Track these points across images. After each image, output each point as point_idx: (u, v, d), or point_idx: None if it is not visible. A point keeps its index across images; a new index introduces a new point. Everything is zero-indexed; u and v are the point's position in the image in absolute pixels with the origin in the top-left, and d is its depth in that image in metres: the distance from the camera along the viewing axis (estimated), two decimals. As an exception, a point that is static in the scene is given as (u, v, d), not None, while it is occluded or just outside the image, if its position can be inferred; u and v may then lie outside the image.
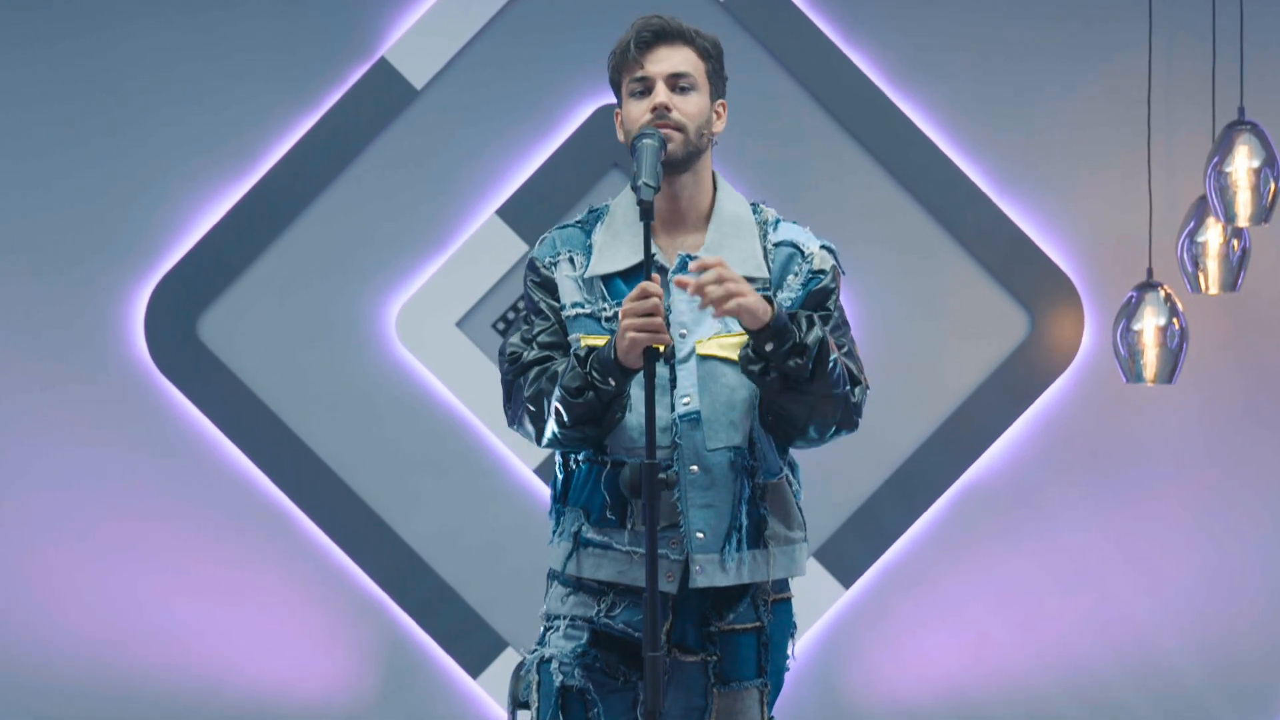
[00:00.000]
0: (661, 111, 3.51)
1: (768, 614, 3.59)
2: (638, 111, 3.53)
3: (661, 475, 3.30)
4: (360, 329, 5.87)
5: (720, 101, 3.63)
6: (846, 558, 5.93)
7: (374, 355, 5.87)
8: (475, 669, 5.87)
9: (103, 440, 5.82)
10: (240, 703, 5.84)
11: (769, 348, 3.39)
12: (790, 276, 3.57)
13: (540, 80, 5.88)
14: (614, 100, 5.74)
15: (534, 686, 3.58)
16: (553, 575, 3.63)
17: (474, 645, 5.86)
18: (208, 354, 5.85)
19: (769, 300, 3.39)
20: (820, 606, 5.93)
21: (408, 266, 5.87)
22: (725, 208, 3.59)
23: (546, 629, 3.60)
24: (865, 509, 5.95)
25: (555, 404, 3.44)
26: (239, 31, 5.85)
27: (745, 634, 3.57)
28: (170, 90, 5.84)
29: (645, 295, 3.31)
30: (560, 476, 3.62)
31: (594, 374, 3.41)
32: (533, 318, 3.60)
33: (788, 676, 5.84)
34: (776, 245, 3.59)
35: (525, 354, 3.55)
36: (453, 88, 5.88)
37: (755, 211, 3.63)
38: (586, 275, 3.55)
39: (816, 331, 3.41)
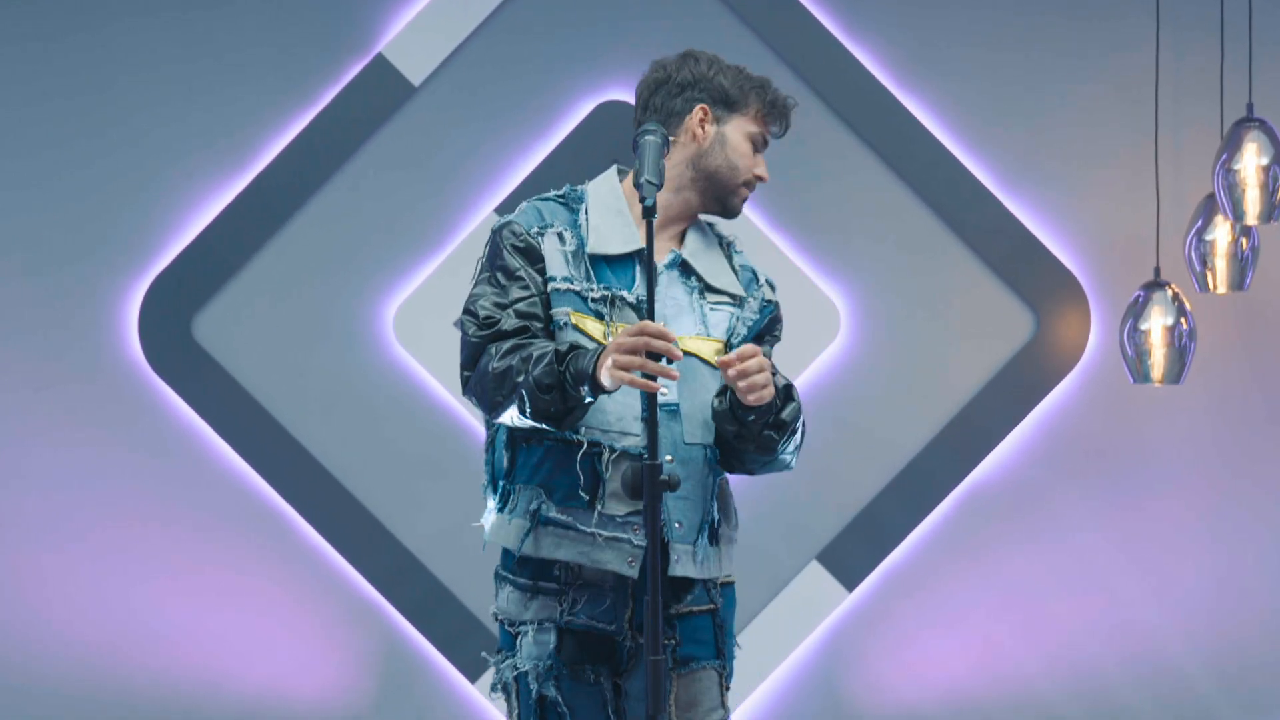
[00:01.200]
0: (759, 183, 3.72)
1: (719, 596, 3.67)
2: (751, 162, 3.69)
3: (664, 477, 3.31)
4: (357, 329, 5.86)
5: None
6: (849, 561, 5.92)
7: (371, 355, 5.86)
8: (473, 673, 5.84)
9: (96, 441, 5.82)
10: (235, 707, 5.83)
11: (750, 418, 3.55)
12: (751, 299, 3.72)
13: (539, 77, 5.86)
14: (615, 96, 5.84)
15: (514, 694, 3.62)
16: (504, 576, 3.65)
17: (472, 649, 5.83)
18: (202, 354, 5.84)
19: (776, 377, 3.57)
20: (823, 610, 5.92)
21: (405, 265, 5.86)
22: (699, 221, 3.76)
23: (515, 635, 3.63)
24: (868, 511, 5.94)
25: (521, 390, 3.44)
26: (234, 28, 5.85)
27: (700, 616, 3.64)
28: (164, 87, 5.84)
29: (640, 334, 3.33)
30: (506, 454, 3.62)
31: (568, 376, 3.42)
32: (506, 283, 3.58)
33: (789, 680, 5.90)
34: (740, 268, 3.75)
35: (502, 321, 3.54)
36: (451, 85, 5.87)
37: (717, 234, 3.80)
38: (589, 251, 3.59)
39: (794, 406, 3.60)
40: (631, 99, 5.79)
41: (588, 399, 3.42)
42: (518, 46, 5.88)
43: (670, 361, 3.37)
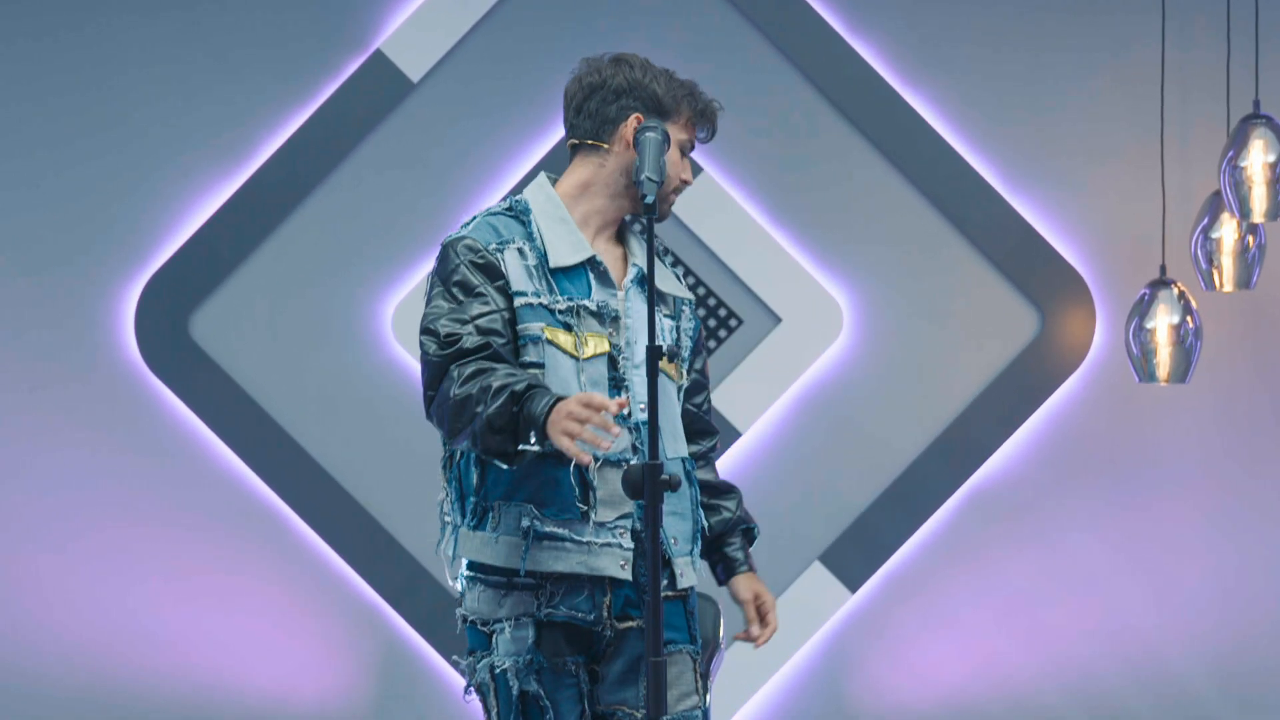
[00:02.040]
0: (684, 187, 3.74)
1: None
2: (680, 169, 3.71)
3: (664, 476, 3.35)
4: (356, 327, 5.84)
5: None
6: (852, 561, 5.90)
7: (370, 354, 5.84)
8: (473, 676, 5.82)
9: (92, 442, 5.80)
10: (233, 711, 5.81)
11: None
12: (685, 307, 3.81)
13: (539, 73, 5.83)
14: None
15: (492, 692, 3.65)
16: (474, 576, 3.66)
17: (472, 652, 5.80)
18: (200, 353, 5.82)
19: (749, 573, 3.92)
20: (824, 612, 5.90)
21: (404, 263, 5.84)
22: (636, 228, 3.81)
23: (489, 634, 3.65)
24: (870, 513, 5.91)
25: (476, 424, 3.44)
26: (231, 24, 5.83)
27: (672, 601, 3.68)
28: (161, 84, 5.82)
29: (586, 405, 3.35)
30: (476, 471, 3.62)
31: (522, 420, 3.42)
32: (465, 299, 3.56)
33: (791, 682, 5.87)
34: (675, 272, 3.84)
35: (464, 338, 3.52)
36: (450, 81, 5.85)
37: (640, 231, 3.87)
38: (551, 266, 3.62)
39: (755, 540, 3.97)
40: (633, 95, 5.89)
41: (535, 447, 3.42)
42: (518, 42, 5.86)
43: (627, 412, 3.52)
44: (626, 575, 3.56)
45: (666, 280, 3.75)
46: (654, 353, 3.37)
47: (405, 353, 5.84)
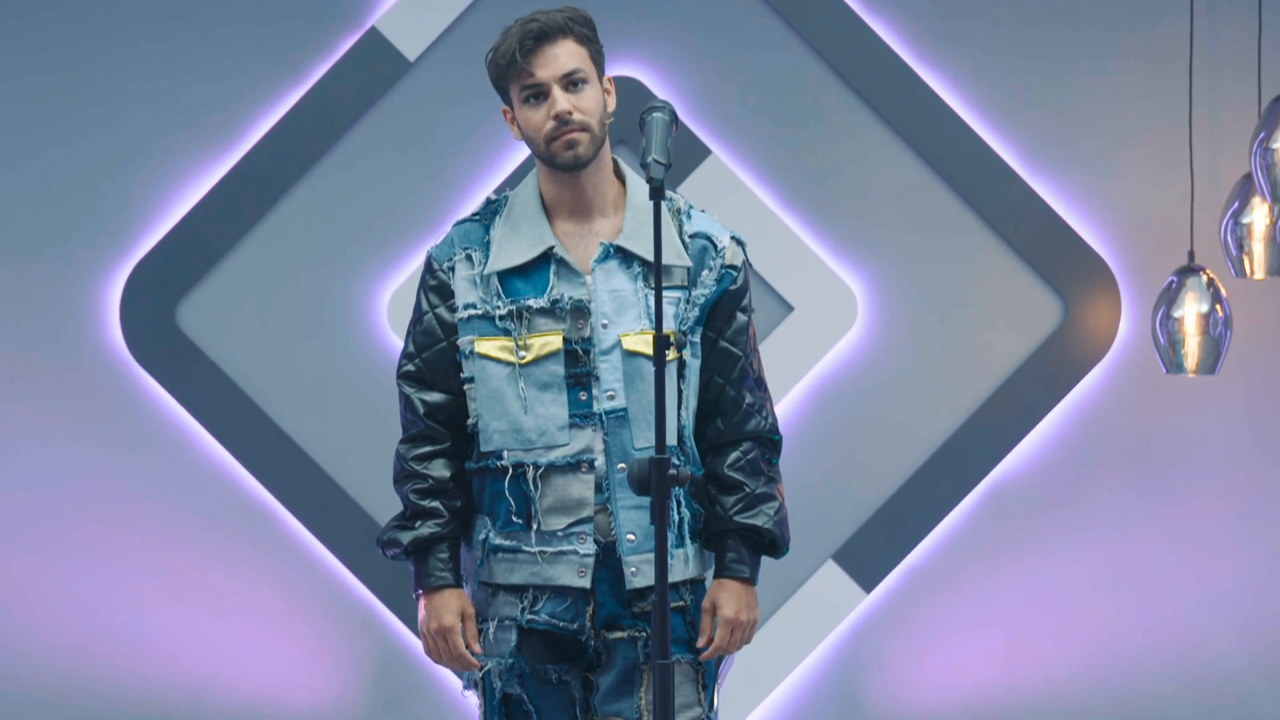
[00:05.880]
0: (565, 118, 3.62)
1: (690, 593, 3.71)
2: (539, 119, 3.63)
3: (672, 471, 3.32)
4: (349, 316, 5.81)
5: (606, 79, 3.73)
6: (867, 560, 5.85)
7: (364, 344, 5.81)
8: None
9: (76, 436, 5.78)
10: (224, 714, 5.80)
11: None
12: (705, 271, 3.68)
13: (541, 52, 5.77)
14: (620, 71, 5.75)
15: (479, 690, 3.74)
16: (474, 571, 3.79)
17: (471, 654, 5.75)
18: (188, 343, 5.79)
19: (744, 581, 3.68)
20: (839, 611, 5.85)
21: (400, 250, 5.81)
22: (636, 194, 3.71)
23: (481, 630, 3.73)
24: (888, 508, 5.86)
25: (391, 532, 3.79)
26: (219, 0, 5.81)
27: (671, 613, 3.65)
28: (147, 63, 5.79)
29: (452, 658, 3.66)
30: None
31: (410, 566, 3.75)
32: (416, 326, 3.75)
33: (805, 685, 5.81)
34: (692, 236, 3.70)
35: (415, 386, 3.80)
36: (448, 60, 5.81)
37: (666, 199, 3.71)
38: (485, 272, 3.64)
39: (777, 548, 3.77)
40: (637, 74, 5.78)
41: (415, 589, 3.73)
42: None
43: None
44: (585, 583, 3.59)
45: (665, 251, 3.63)
46: (661, 343, 3.33)
47: (401, 343, 5.75)
